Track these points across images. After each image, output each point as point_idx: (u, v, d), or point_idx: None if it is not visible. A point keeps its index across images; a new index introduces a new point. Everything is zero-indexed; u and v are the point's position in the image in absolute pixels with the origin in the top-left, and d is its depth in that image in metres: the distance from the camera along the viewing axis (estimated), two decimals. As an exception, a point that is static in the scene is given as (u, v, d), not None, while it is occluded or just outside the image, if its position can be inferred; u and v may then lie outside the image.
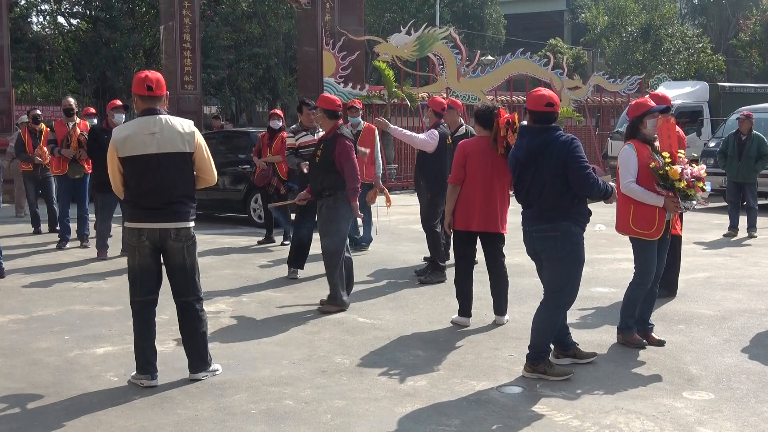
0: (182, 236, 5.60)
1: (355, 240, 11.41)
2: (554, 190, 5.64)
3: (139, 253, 5.58)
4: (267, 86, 36.67)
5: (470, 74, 22.55)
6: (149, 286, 5.65)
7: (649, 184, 6.24)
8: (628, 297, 6.50)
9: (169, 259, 5.64)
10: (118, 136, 5.52)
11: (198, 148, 5.64)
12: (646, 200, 6.25)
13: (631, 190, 6.25)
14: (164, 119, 5.55)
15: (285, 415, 5.06)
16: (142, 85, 5.54)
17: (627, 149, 6.36)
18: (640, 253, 6.42)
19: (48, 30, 36.54)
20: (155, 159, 5.49)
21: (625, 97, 26.41)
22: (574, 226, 5.69)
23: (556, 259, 5.73)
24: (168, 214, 5.54)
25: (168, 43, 21.33)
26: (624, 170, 6.31)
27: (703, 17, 52.49)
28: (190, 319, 5.73)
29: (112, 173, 5.62)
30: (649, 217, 6.29)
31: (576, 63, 42.20)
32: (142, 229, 5.54)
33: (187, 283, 5.69)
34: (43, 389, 5.56)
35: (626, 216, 6.38)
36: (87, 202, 11.79)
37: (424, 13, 39.55)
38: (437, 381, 5.70)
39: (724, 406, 5.21)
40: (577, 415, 5.06)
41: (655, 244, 6.37)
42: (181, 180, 5.60)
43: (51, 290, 8.76)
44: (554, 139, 5.63)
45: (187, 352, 5.79)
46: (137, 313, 5.67)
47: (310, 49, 22.06)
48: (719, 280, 9.18)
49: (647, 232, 6.31)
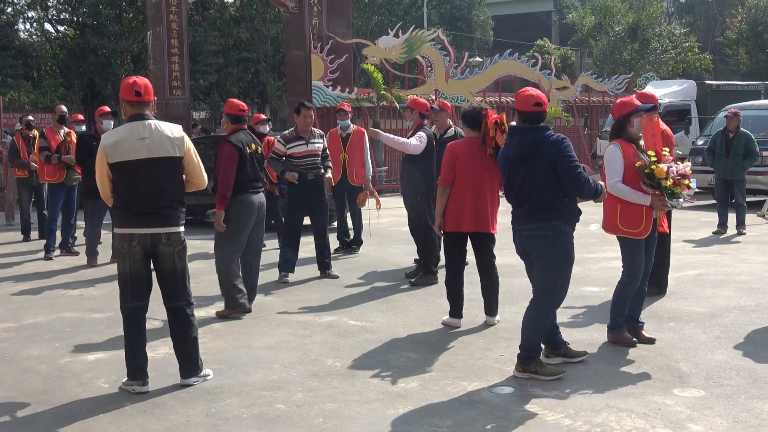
0: (173, 241, 5.60)
1: (345, 243, 11.44)
2: (545, 189, 5.64)
3: (130, 258, 5.56)
4: (256, 90, 36.60)
5: (459, 76, 22.56)
6: (140, 292, 5.64)
7: (636, 183, 6.26)
8: (618, 295, 6.52)
9: (160, 264, 5.64)
10: (108, 142, 5.51)
11: (187, 152, 5.65)
12: (632, 199, 6.27)
13: (618, 190, 6.27)
14: (153, 124, 5.55)
15: (277, 419, 5.06)
16: (131, 91, 5.54)
17: (612, 149, 6.38)
18: (628, 252, 6.45)
19: (35, 37, 36.39)
20: (146, 164, 5.48)
21: (613, 97, 26.46)
22: (565, 225, 5.71)
23: (546, 258, 5.74)
24: (159, 218, 5.54)
25: (155, 48, 21.27)
26: (610, 170, 6.33)
27: (690, 16, 52.68)
28: (181, 324, 5.72)
29: (101, 179, 5.61)
30: (636, 215, 6.31)
31: (564, 63, 42.27)
32: (133, 234, 5.53)
33: (177, 288, 5.68)
34: (33, 397, 5.54)
35: (613, 215, 6.40)
36: (76, 210, 11.76)
37: (412, 16, 39.57)
38: (429, 382, 5.71)
39: (715, 403, 5.23)
40: (568, 414, 5.07)
41: (642, 242, 6.39)
42: (171, 185, 5.61)
43: (41, 298, 8.74)
44: (545, 138, 5.64)
45: (178, 358, 5.77)
46: (128, 319, 5.66)
47: (298, 53, 22.03)
48: (709, 277, 9.22)
49: (635, 231, 6.33)
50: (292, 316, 7.70)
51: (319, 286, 9.09)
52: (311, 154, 9.32)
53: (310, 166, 9.29)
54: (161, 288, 5.72)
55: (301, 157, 9.28)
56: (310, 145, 9.31)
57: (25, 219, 13.40)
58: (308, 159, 9.29)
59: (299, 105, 9.46)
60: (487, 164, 6.98)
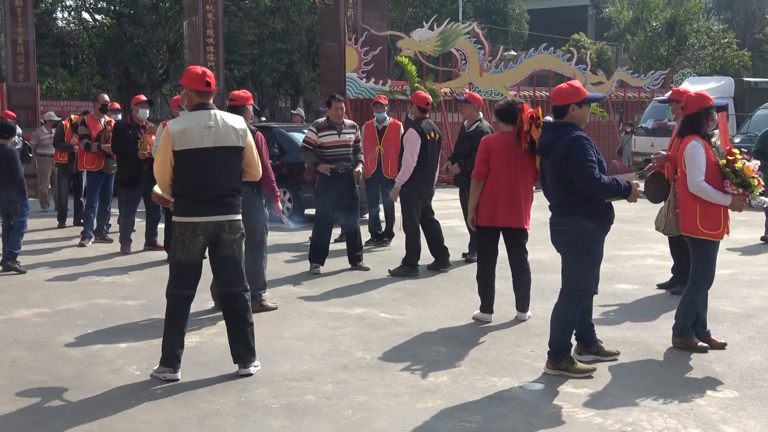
0: (234, 228, 5.67)
1: (377, 235, 11.43)
2: (561, 185, 5.60)
3: (189, 247, 5.57)
4: (290, 81, 36.73)
5: (493, 69, 22.48)
6: (192, 281, 5.68)
7: (715, 182, 6.02)
8: (690, 301, 6.24)
9: (221, 251, 5.67)
10: (176, 129, 5.52)
11: (248, 143, 5.75)
12: (714, 200, 6.01)
13: (703, 190, 5.99)
14: (218, 114, 5.63)
15: (306, 410, 5.07)
16: (201, 81, 5.59)
17: (695, 145, 6.06)
18: (703, 255, 6.18)
19: (72, 26, 36.80)
20: (211, 153, 5.54)
21: (649, 93, 26.24)
22: (586, 221, 5.58)
23: (568, 254, 5.69)
24: (222, 206, 5.60)
25: (191, 38, 21.40)
26: (694, 168, 6.01)
27: (729, 12, 51.97)
28: (239, 310, 5.74)
29: (163, 167, 5.59)
30: (716, 217, 6.08)
31: (599, 58, 41.96)
32: (197, 223, 5.55)
33: (236, 275, 5.74)
34: (66, 382, 5.60)
35: (693, 216, 6.12)
36: (111, 198, 11.87)
37: (447, 9, 39.43)
38: (458, 377, 5.69)
39: (748, 405, 5.17)
40: (599, 412, 5.03)
41: (718, 244, 6.20)
42: (233, 173, 5.70)
43: (75, 284, 8.83)
44: (562, 135, 5.56)
45: (235, 345, 5.75)
46: (175, 305, 5.67)
47: (332, 45, 22.05)
48: (744, 276, 9.10)
49: (714, 232, 6.10)
50: (323, 308, 7.72)
51: (350, 278, 9.09)
52: (343, 144, 9.30)
53: (341, 157, 9.27)
54: (219, 275, 5.78)
55: (332, 147, 9.25)
56: (342, 135, 9.30)
57: (62, 206, 13.51)
58: (339, 149, 9.27)
59: (330, 98, 9.45)
60: (521, 159, 6.92)
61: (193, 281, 5.70)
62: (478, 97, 9.87)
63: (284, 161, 12.95)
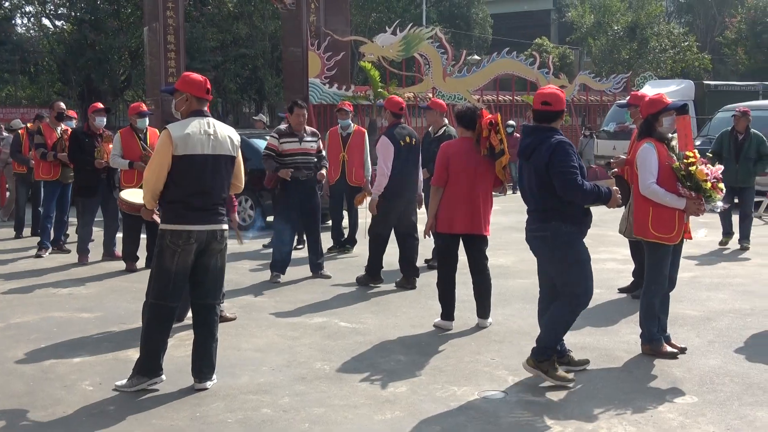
0: (223, 238, 5.61)
1: (339, 242, 11.34)
2: (543, 191, 5.55)
3: (182, 256, 5.45)
4: (254, 87, 36.47)
5: (456, 74, 22.52)
6: (181, 291, 5.57)
7: (669, 185, 6.00)
8: (647, 305, 6.22)
9: (206, 261, 5.56)
10: (180, 134, 5.39)
11: (239, 154, 5.74)
12: (667, 203, 5.99)
13: (654, 192, 5.99)
14: (213, 122, 5.58)
15: (262, 424, 4.98)
16: (202, 88, 5.57)
17: (647, 148, 6.06)
18: (656, 259, 6.16)
19: (32, 32, 36.32)
20: (210, 160, 5.48)
21: (611, 96, 26.42)
22: (565, 225, 5.55)
23: (552, 259, 5.66)
24: (215, 215, 5.55)
25: (152, 44, 21.20)
26: (645, 170, 6.02)
27: (689, 15, 52.58)
28: (210, 323, 5.64)
29: (159, 172, 5.43)
30: (669, 220, 6.05)
31: (562, 62, 42.19)
32: (191, 231, 5.44)
33: (215, 286, 5.67)
34: (15, 400, 5.45)
35: (645, 219, 6.11)
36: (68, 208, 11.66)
37: (411, 13, 39.45)
38: (418, 387, 5.63)
39: (708, 410, 5.16)
40: (558, 421, 4.99)
41: (671, 248, 6.15)
42: (226, 183, 5.66)
43: (30, 296, 8.64)
44: (543, 140, 5.52)
45: (197, 359, 5.62)
46: (163, 316, 5.53)
47: (295, 50, 21.93)
48: (704, 279, 9.14)
49: (667, 236, 6.07)
50: (282, 318, 7.62)
51: (311, 286, 9.00)
52: (303, 152, 9.20)
53: (303, 165, 9.17)
54: (198, 285, 5.61)
55: (292, 155, 9.15)
56: (303, 143, 9.20)
57: (19, 216, 13.27)
58: (300, 157, 9.17)
59: (293, 104, 9.32)
60: (481, 165, 6.89)
61: (182, 291, 5.59)
62: (441, 102, 9.80)
63: (245, 168, 12.79)
